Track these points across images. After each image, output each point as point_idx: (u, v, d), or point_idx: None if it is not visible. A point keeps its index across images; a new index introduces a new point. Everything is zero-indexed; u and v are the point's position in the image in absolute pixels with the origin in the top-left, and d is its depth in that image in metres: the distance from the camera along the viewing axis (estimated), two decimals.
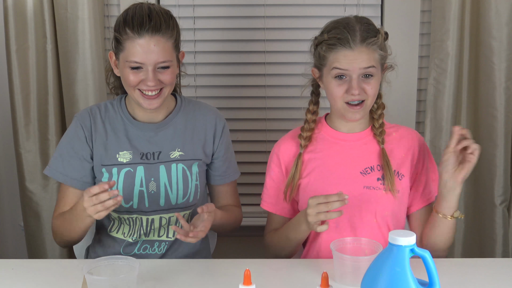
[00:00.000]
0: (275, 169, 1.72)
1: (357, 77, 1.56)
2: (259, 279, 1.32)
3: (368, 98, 1.58)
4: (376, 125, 1.66)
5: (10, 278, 1.47)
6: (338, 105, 1.60)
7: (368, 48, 1.56)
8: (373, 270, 1.12)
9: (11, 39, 2.22)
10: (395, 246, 1.08)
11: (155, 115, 1.72)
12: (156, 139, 1.71)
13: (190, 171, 1.72)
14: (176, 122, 1.74)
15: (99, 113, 1.72)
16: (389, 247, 1.10)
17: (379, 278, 1.09)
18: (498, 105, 2.23)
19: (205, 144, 1.75)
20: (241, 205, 1.89)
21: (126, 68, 1.60)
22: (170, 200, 1.69)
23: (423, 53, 2.35)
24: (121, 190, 1.67)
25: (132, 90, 1.62)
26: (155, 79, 1.59)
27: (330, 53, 1.58)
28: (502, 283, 1.43)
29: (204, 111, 1.78)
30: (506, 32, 2.18)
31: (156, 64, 1.58)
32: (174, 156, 1.71)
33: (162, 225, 1.71)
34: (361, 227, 1.62)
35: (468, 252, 2.38)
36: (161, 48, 1.58)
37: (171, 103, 1.76)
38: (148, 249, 1.71)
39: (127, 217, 1.70)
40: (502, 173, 2.27)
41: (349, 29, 1.56)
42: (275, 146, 1.74)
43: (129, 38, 1.57)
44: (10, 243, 2.52)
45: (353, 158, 1.65)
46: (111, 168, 1.68)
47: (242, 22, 2.37)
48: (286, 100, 2.40)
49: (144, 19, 1.57)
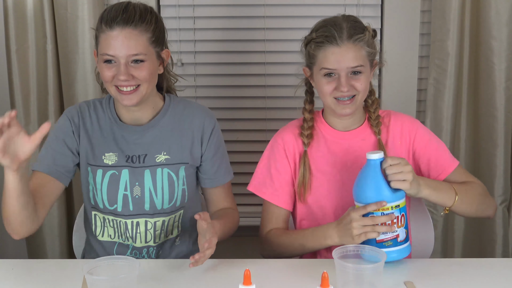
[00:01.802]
0: (283, 161, 1.70)
1: (346, 75, 1.58)
2: (259, 279, 1.31)
3: (359, 93, 1.60)
4: (373, 117, 1.68)
5: (10, 278, 1.47)
6: (328, 101, 1.62)
7: (355, 45, 1.58)
8: (359, 180, 1.50)
9: (11, 39, 2.22)
10: (370, 160, 1.48)
11: (141, 115, 1.68)
12: (142, 142, 1.67)
13: (177, 175, 1.68)
14: (163, 124, 1.69)
15: (87, 110, 1.70)
16: (367, 162, 1.49)
17: (362, 184, 1.49)
18: (498, 105, 2.23)
19: (193, 147, 1.70)
20: (237, 207, 1.83)
21: (101, 63, 1.60)
22: (156, 205, 1.67)
23: (423, 53, 2.35)
24: (105, 192, 1.66)
25: (109, 86, 1.60)
26: (127, 73, 1.56)
27: (318, 51, 1.60)
28: (502, 283, 1.43)
29: (192, 111, 1.73)
30: (506, 32, 2.19)
31: (127, 57, 1.56)
32: (160, 160, 1.67)
33: (148, 229, 1.68)
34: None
35: (468, 252, 2.38)
36: (133, 41, 1.56)
37: (159, 103, 1.71)
38: (138, 255, 1.70)
39: (111, 218, 1.69)
40: (502, 173, 2.27)
41: (336, 27, 1.59)
42: (278, 139, 1.71)
43: (102, 31, 1.58)
44: (10, 243, 2.51)
45: (355, 155, 1.66)
46: (96, 169, 1.66)
47: (242, 22, 2.37)
48: (286, 100, 2.40)
49: (117, 13, 1.57)
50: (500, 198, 2.29)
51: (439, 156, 1.68)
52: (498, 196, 2.28)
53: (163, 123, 1.70)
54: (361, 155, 1.64)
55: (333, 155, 1.68)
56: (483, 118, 2.27)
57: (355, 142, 1.68)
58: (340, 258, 1.37)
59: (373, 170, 1.47)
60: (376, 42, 1.66)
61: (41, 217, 1.57)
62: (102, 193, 1.66)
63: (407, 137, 1.68)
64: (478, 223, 2.35)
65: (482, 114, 2.27)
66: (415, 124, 1.71)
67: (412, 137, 1.68)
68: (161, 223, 1.69)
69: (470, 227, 2.38)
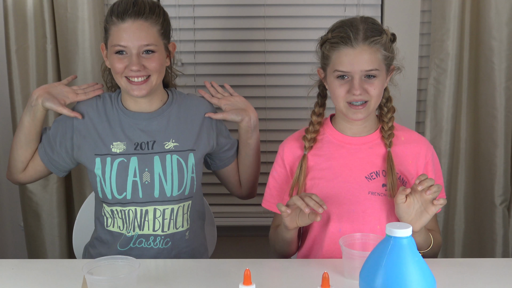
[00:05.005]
0: (279, 169, 1.71)
1: (359, 78, 1.54)
2: (259, 279, 1.31)
3: (372, 99, 1.56)
4: (386, 128, 1.64)
5: (10, 278, 1.47)
6: (340, 105, 1.59)
7: (371, 47, 1.54)
8: (372, 262, 1.13)
9: (11, 39, 2.22)
10: (392, 237, 1.10)
11: (148, 107, 1.73)
12: (150, 129, 1.72)
13: (186, 162, 1.71)
14: (170, 112, 1.74)
15: (95, 102, 1.75)
16: (386, 238, 1.12)
17: (378, 270, 1.10)
18: (498, 105, 2.23)
19: (201, 133, 1.75)
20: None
21: (112, 55, 1.65)
22: (165, 192, 1.69)
23: (423, 53, 2.35)
24: (114, 180, 1.68)
25: (119, 78, 1.66)
26: (139, 64, 1.62)
27: (333, 52, 1.57)
28: (502, 283, 1.43)
29: (195, 101, 1.80)
30: (506, 32, 2.19)
31: (139, 47, 1.62)
32: (169, 147, 1.71)
33: (157, 217, 1.70)
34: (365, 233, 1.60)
35: (468, 252, 2.39)
36: (145, 32, 1.62)
37: (164, 95, 1.77)
38: (143, 243, 1.70)
39: (119, 209, 1.69)
40: (502, 173, 2.27)
41: (352, 28, 1.55)
42: (280, 147, 1.73)
43: (114, 24, 1.63)
44: (10, 243, 2.52)
45: (359, 162, 1.63)
46: (105, 158, 1.69)
47: (242, 22, 2.37)
48: (286, 100, 2.40)
49: (128, 6, 1.63)
50: (500, 198, 2.29)
51: None
52: (498, 196, 2.28)
53: (170, 112, 1.75)
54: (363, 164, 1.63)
55: (335, 161, 1.64)
56: (483, 118, 2.27)
57: (362, 149, 1.64)
58: (347, 246, 1.41)
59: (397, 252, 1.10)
60: (395, 47, 1.62)
61: (26, 174, 1.79)
62: (111, 181, 1.67)
63: (421, 161, 1.63)
64: (478, 223, 2.36)
65: (482, 114, 2.27)
66: (430, 150, 1.66)
67: (425, 162, 1.64)
68: (170, 211, 1.70)
69: (470, 227, 2.38)
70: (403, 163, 1.63)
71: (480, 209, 2.34)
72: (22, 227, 2.43)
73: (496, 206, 2.29)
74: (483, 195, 2.32)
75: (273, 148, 2.35)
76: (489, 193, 2.29)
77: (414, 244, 1.12)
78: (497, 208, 2.29)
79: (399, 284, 1.07)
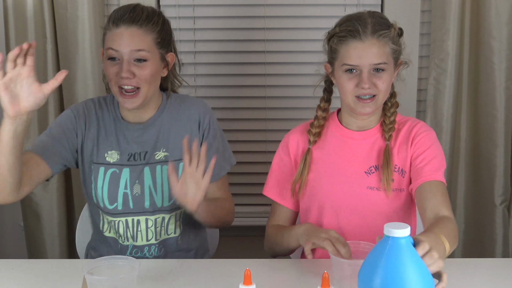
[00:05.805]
0: (284, 157, 1.70)
1: (368, 71, 1.54)
2: (259, 279, 1.31)
3: (380, 93, 1.56)
4: (387, 122, 1.63)
5: (10, 278, 1.47)
6: (348, 99, 1.58)
7: (379, 41, 1.53)
8: (370, 262, 1.12)
9: (11, 39, 2.22)
10: (391, 238, 1.10)
11: (143, 115, 1.71)
12: (142, 139, 1.70)
13: (177, 172, 1.66)
14: (161, 121, 1.71)
15: (94, 108, 1.72)
16: (384, 239, 1.11)
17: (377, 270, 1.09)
18: (498, 105, 2.23)
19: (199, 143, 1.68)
20: (231, 198, 1.78)
21: (105, 61, 1.63)
22: (155, 202, 1.68)
23: (423, 53, 2.35)
24: (106, 190, 1.67)
25: (113, 85, 1.63)
26: (129, 71, 1.59)
27: (341, 46, 1.56)
28: (502, 283, 1.43)
29: (189, 105, 1.74)
30: (506, 32, 2.19)
31: (130, 53, 1.59)
32: (159, 157, 1.69)
33: (149, 227, 1.69)
34: (364, 228, 1.60)
35: (468, 252, 2.38)
36: (137, 39, 1.60)
37: (159, 101, 1.74)
38: (139, 253, 1.70)
39: (110, 219, 1.69)
40: (502, 173, 2.27)
41: (360, 22, 1.54)
42: (285, 137, 1.73)
43: (109, 29, 1.62)
44: (10, 243, 2.52)
45: (360, 156, 1.63)
46: (98, 167, 1.68)
47: (242, 22, 2.37)
48: (286, 100, 2.40)
49: (125, 12, 1.62)
50: (500, 198, 2.29)
51: (428, 163, 1.57)
52: (498, 196, 2.28)
53: (161, 120, 1.72)
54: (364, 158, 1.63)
55: (336, 155, 1.65)
56: (483, 118, 2.27)
57: (364, 143, 1.64)
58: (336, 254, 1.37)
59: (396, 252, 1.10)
60: (402, 41, 1.61)
61: (21, 193, 1.56)
62: (103, 191, 1.67)
63: (410, 140, 1.61)
64: (478, 223, 2.35)
65: (482, 114, 2.27)
66: (422, 128, 1.62)
67: (413, 139, 1.60)
68: (161, 220, 1.69)
69: (470, 227, 2.38)
70: (402, 155, 1.61)
71: (480, 209, 2.34)
72: (22, 227, 2.43)
73: (496, 206, 2.29)
74: (483, 195, 2.32)
75: (273, 148, 2.33)
76: (489, 193, 2.29)
77: (412, 244, 1.12)
78: (497, 208, 2.29)
79: (397, 284, 1.07)
